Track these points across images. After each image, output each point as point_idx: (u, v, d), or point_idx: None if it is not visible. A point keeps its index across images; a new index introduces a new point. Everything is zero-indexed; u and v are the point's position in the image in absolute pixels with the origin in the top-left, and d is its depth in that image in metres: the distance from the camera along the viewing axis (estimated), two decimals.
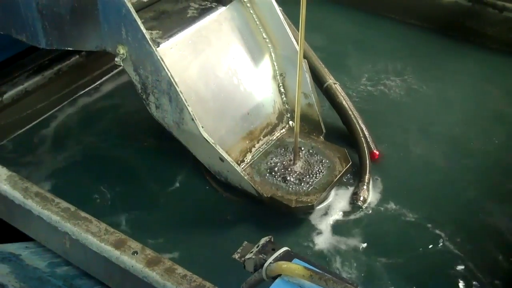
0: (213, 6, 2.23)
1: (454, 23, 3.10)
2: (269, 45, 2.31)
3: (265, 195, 2.01)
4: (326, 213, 2.09)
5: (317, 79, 2.45)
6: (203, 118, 2.03)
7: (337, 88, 2.43)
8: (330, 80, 2.44)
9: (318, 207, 2.08)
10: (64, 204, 1.68)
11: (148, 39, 1.82)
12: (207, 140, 1.91)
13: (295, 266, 1.33)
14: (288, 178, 2.09)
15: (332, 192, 2.15)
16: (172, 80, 1.85)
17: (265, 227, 2.01)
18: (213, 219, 2.07)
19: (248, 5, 2.27)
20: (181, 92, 1.86)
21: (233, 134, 2.15)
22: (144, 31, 1.81)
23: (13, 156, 2.32)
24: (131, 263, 1.51)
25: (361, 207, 2.10)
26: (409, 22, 3.22)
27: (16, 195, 1.72)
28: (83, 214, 1.66)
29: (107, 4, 1.82)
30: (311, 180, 2.08)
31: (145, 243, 1.58)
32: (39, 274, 1.78)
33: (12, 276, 1.73)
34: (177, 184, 2.21)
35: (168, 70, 1.85)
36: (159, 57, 1.84)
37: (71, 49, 2.00)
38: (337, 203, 2.12)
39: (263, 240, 1.49)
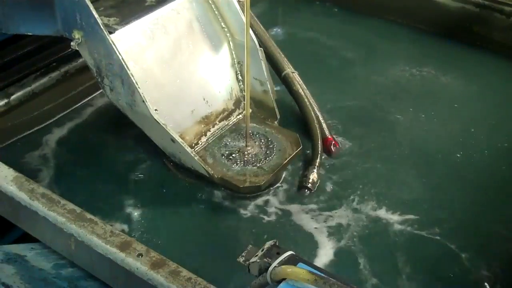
0: None
1: (461, 28, 3.12)
2: (228, 34, 2.40)
3: (215, 176, 2.10)
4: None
5: (276, 68, 2.55)
6: (158, 102, 2.12)
7: (295, 77, 2.52)
8: (288, 69, 2.53)
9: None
10: (70, 205, 1.70)
11: (101, 24, 1.91)
12: (158, 122, 2.00)
13: (300, 270, 1.33)
14: (239, 161, 2.18)
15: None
16: (124, 63, 1.94)
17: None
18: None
19: None
20: (132, 75, 1.96)
21: (188, 118, 2.24)
22: (97, 16, 1.90)
23: (20, 157, 2.34)
24: (136, 265, 1.52)
25: (310, 189, 2.18)
26: (416, 26, 3.24)
27: (23, 196, 1.74)
28: (88, 215, 1.67)
29: None
30: (261, 163, 2.17)
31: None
32: (44, 275, 1.80)
33: (17, 277, 1.76)
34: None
35: (120, 53, 1.94)
36: (111, 41, 1.93)
37: (30, 34, 2.09)
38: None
39: (267, 244, 1.49)
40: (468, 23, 3.10)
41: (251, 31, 2.30)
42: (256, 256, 1.47)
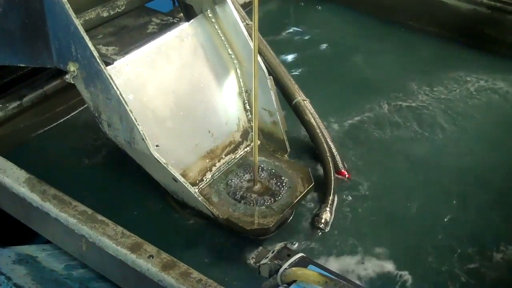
0: (175, 21, 2.19)
1: (473, 30, 3.08)
2: (235, 61, 2.25)
3: (221, 216, 1.96)
4: None
5: (286, 96, 2.40)
6: (160, 137, 1.99)
7: (306, 106, 2.37)
8: (300, 97, 2.39)
9: None
10: (82, 207, 1.72)
11: (97, 57, 1.77)
12: (158, 161, 1.86)
13: (310, 273, 1.36)
14: (246, 199, 2.03)
15: None
16: (122, 99, 1.80)
17: None
18: None
19: (213, 20, 2.21)
20: (131, 111, 1.81)
21: (192, 153, 2.09)
22: (93, 48, 1.77)
23: (32, 158, 2.31)
24: (146, 266, 1.53)
25: (323, 230, 2.04)
26: (427, 29, 3.21)
27: (34, 198, 1.76)
28: (99, 217, 1.69)
29: (56, 21, 1.78)
30: (270, 202, 2.02)
31: None
32: (55, 276, 1.81)
33: (29, 278, 1.78)
34: None
35: (118, 88, 1.80)
36: (107, 75, 1.79)
37: (23, 65, 1.97)
38: None
39: (278, 246, 1.52)
40: (480, 25, 3.05)
41: (259, 58, 2.17)
42: (267, 258, 1.48)
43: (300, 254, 1.47)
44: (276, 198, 2.03)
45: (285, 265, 1.43)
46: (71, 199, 1.75)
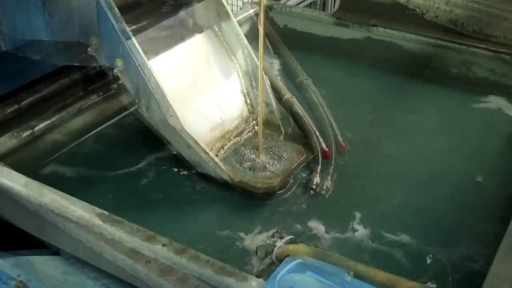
0: (187, 2, 2.74)
1: (421, 65, 3.45)
2: (237, 65, 2.83)
3: (235, 179, 2.48)
4: None
5: (277, 93, 2.98)
6: (184, 120, 2.50)
7: (294, 101, 2.96)
8: (288, 94, 2.98)
9: None
10: (79, 211, 1.76)
11: (142, 55, 2.30)
12: (188, 134, 2.39)
13: (301, 247, 1.63)
14: (253, 167, 2.57)
15: None
16: (159, 84, 2.34)
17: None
18: None
19: (219, 33, 2.81)
20: (166, 93, 2.35)
21: (208, 134, 2.62)
22: (137, 46, 2.31)
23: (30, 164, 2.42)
24: (144, 272, 1.56)
25: (315, 190, 2.56)
26: (378, 65, 3.52)
27: (32, 201, 1.81)
28: (97, 221, 1.72)
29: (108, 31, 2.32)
30: (273, 169, 2.56)
31: None
32: (53, 282, 1.80)
33: (26, 283, 1.77)
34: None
35: (157, 76, 2.34)
36: (149, 66, 2.33)
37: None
38: None
39: (272, 232, 1.80)
40: (426, 61, 3.43)
41: (257, 63, 2.74)
42: (263, 241, 1.76)
43: (290, 236, 1.73)
44: (277, 166, 2.58)
45: (279, 244, 1.68)
46: (71, 201, 1.80)
